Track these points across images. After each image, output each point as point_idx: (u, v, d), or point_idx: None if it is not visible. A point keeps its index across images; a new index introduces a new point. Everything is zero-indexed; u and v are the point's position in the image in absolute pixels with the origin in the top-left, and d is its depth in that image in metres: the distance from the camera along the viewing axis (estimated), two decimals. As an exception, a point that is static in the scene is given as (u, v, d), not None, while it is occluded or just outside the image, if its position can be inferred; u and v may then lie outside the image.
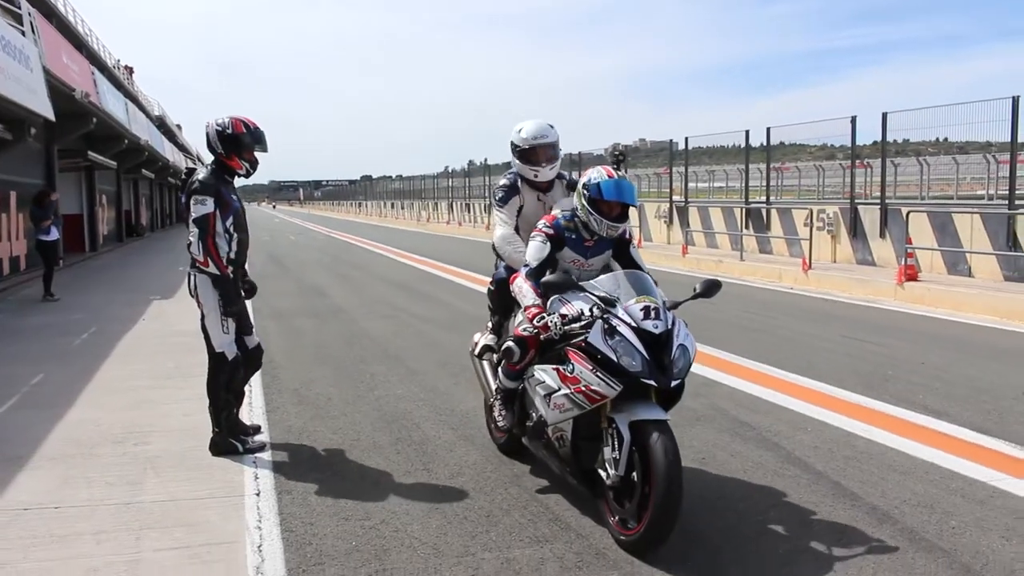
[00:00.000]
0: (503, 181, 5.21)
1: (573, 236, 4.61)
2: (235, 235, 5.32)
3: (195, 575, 3.73)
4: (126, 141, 27.26)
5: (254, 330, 5.68)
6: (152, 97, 50.09)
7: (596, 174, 4.49)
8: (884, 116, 15.71)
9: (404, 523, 4.30)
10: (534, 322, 4.29)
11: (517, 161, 5.10)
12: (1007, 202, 13.89)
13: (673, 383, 3.95)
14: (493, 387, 5.08)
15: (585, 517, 4.34)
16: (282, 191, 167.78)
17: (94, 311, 12.48)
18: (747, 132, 20.24)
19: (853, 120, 16.73)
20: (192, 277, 5.31)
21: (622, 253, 4.72)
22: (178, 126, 62.19)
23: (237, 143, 5.27)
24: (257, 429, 5.78)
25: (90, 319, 11.59)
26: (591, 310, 4.11)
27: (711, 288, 4.35)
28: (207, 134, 5.30)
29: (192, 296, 5.37)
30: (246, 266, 5.65)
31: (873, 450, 5.44)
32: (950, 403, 6.54)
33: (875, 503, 4.53)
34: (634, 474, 3.89)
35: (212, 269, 5.21)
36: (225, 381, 5.40)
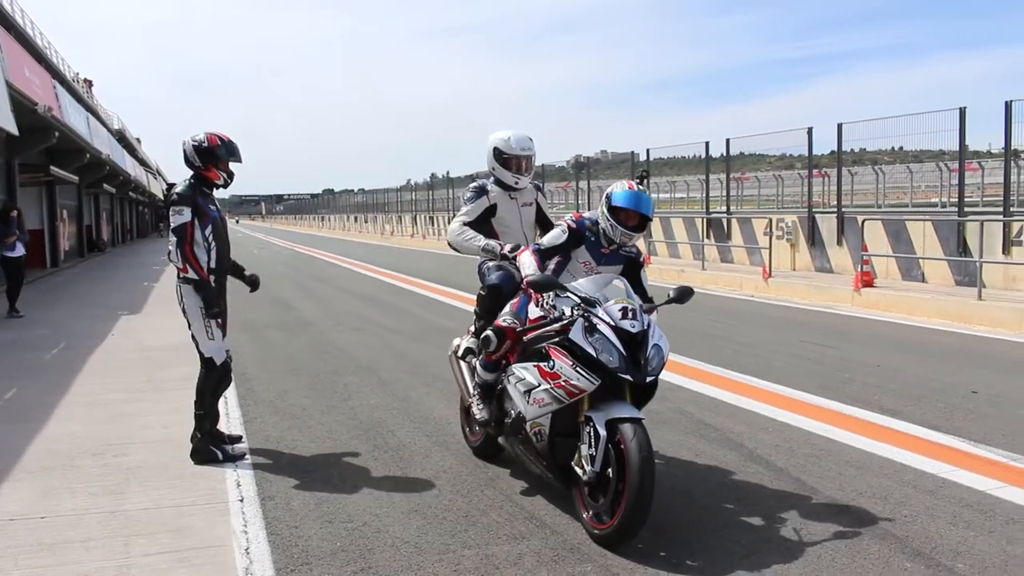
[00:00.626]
0: (473, 184, 5.48)
1: (592, 239, 4.88)
2: (214, 244, 5.51)
3: (185, 577, 3.85)
4: (88, 155, 27.04)
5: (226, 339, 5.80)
6: (111, 110, 49.65)
7: (619, 186, 4.81)
8: (839, 127, 16.18)
9: (386, 524, 4.46)
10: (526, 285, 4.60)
11: (498, 165, 5.34)
12: (957, 209, 14.39)
13: (648, 379, 4.20)
14: (471, 388, 5.27)
15: (559, 515, 4.53)
16: (243, 205, 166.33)
17: (61, 327, 12.43)
18: (707, 143, 20.64)
19: (810, 131, 17.20)
20: (179, 289, 5.48)
21: (632, 274, 4.90)
22: (137, 140, 61.58)
23: (213, 155, 5.52)
24: (238, 439, 5.90)
25: (58, 335, 11.55)
26: (572, 310, 4.35)
27: (684, 295, 4.63)
28: (184, 151, 5.52)
29: (180, 307, 5.53)
30: (239, 263, 5.90)
31: (832, 448, 5.71)
32: (903, 402, 6.85)
33: (834, 496, 4.78)
34: (609, 470, 4.10)
35: (192, 275, 5.41)
36: (213, 386, 5.57)
